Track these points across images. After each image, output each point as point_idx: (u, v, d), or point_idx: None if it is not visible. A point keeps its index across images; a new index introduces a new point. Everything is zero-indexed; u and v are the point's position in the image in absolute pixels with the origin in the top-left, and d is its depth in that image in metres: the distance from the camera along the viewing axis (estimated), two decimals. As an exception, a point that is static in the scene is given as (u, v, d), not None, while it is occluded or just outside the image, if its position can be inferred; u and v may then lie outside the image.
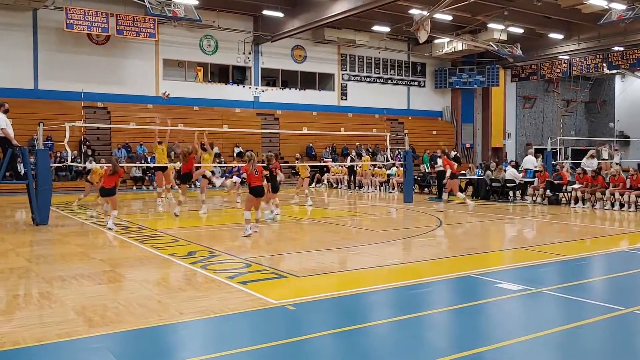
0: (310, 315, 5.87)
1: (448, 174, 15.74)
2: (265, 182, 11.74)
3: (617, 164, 23.49)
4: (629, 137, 40.56)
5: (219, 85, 30.17)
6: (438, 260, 8.83)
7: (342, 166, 25.90)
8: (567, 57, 34.53)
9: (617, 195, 15.84)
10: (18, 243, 10.05)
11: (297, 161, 19.07)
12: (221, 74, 31.09)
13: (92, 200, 16.71)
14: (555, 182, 17.44)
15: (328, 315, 5.89)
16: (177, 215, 13.36)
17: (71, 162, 19.21)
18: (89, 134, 25.46)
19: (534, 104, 41.82)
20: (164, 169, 15.79)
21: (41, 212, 12.26)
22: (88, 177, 15.90)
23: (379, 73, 35.06)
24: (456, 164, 17.47)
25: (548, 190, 17.46)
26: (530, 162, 20.97)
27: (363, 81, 34.38)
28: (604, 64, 33.31)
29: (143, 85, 27.51)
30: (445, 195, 16.51)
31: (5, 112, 12.20)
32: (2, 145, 12.22)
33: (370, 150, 31.35)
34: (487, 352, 4.69)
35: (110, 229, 11.59)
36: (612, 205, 15.92)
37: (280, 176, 13.52)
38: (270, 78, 32.31)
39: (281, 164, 17.57)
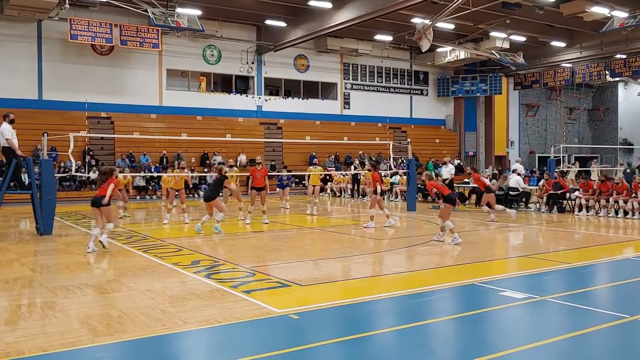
0: (314, 324, 5.86)
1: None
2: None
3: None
4: (632, 145, 40.50)
5: (222, 94, 30.28)
6: (442, 268, 8.82)
7: (345, 175, 25.91)
8: (569, 65, 34.57)
9: (621, 202, 15.80)
10: (22, 253, 10.07)
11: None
12: (224, 83, 31.21)
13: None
14: (559, 192, 17.33)
15: (332, 324, 5.88)
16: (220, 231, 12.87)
17: (75, 172, 19.40)
18: (92, 144, 25.56)
19: (537, 111, 41.83)
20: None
21: (45, 222, 12.30)
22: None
23: (382, 82, 35.14)
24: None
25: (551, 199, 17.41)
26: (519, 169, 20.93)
27: (366, 90, 34.46)
28: (607, 72, 33.32)
29: (146, 95, 27.65)
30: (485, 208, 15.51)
31: (11, 122, 12.28)
32: (6, 155, 12.29)
33: (374, 158, 31.35)
34: (492, 361, 4.67)
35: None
36: (616, 212, 15.88)
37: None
38: (273, 87, 32.41)
39: (287, 172, 17.37)
